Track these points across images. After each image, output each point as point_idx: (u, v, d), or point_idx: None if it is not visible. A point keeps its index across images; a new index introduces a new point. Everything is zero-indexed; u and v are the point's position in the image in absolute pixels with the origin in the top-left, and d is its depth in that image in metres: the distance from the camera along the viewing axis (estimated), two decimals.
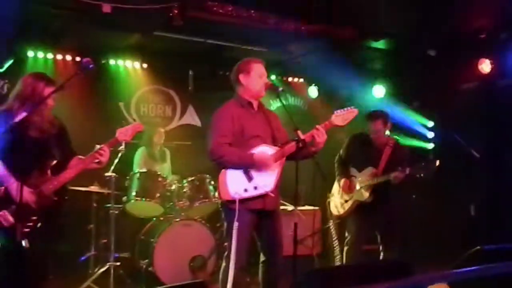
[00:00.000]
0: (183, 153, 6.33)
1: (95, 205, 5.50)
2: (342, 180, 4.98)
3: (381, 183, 4.73)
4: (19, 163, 3.22)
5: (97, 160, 3.57)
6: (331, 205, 5.20)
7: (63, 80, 3.46)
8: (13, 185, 3.30)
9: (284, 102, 3.82)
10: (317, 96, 7.54)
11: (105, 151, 3.56)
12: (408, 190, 6.41)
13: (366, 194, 4.80)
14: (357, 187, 4.88)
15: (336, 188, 5.15)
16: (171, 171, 6.15)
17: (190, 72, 6.68)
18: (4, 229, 3.29)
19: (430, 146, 7.30)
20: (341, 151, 5.11)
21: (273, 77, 7.40)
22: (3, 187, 3.34)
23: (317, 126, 3.71)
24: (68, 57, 6.25)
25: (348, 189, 4.95)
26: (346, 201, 4.97)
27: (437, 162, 4.50)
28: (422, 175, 4.55)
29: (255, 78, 3.80)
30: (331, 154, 5.11)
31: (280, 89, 3.83)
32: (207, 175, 5.50)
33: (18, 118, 3.13)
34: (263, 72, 3.84)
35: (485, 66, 6.07)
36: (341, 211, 5.02)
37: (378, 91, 7.46)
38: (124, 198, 5.41)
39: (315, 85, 7.53)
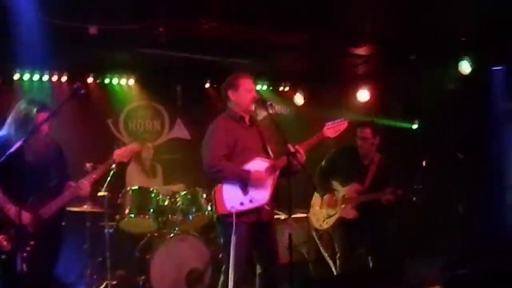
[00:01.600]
0: (174, 167, 6.36)
1: (88, 224, 5.47)
2: (326, 195, 4.91)
3: (369, 201, 4.68)
4: (17, 188, 3.25)
5: (80, 191, 3.61)
6: (312, 218, 5.16)
7: (54, 102, 3.53)
8: (11, 210, 3.35)
9: (273, 116, 3.85)
10: (303, 104, 7.62)
11: (85, 186, 3.59)
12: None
13: (352, 212, 4.73)
14: (341, 203, 4.80)
15: (316, 200, 5.10)
16: (163, 186, 6.16)
17: (178, 87, 6.80)
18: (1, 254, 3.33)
19: (414, 126, 7.32)
20: (323, 163, 5.01)
21: (259, 86, 7.50)
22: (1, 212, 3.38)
23: (297, 147, 3.72)
24: (54, 78, 6.30)
25: (333, 204, 4.88)
26: (329, 216, 4.91)
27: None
28: (414, 198, 4.57)
29: (244, 93, 3.85)
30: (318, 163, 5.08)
31: (269, 102, 3.91)
32: (199, 188, 5.53)
33: (14, 148, 3.19)
34: (251, 87, 3.90)
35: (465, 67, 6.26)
36: (324, 226, 4.99)
37: (362, 95, 7.60)
38: (118, 216, 5.42)
39: (300, 93, 7.61)
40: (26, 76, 6.14)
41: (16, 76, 6.09)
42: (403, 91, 7.08)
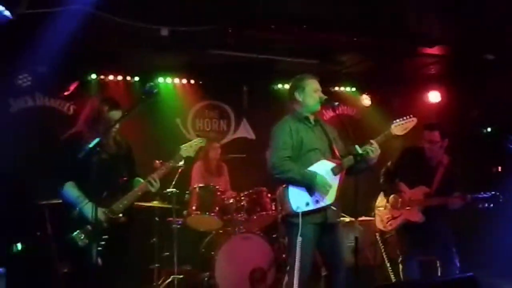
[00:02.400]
0: (238, 166, 6.43)
1: (157, 219, 5.57)
2: (392, 196, 4.84)
3: (436, 205, 4.58)
4: (92, 185, 3.35)
5: (150, 187, 3.70)
6: (376, 219, 5.10)
7: (126, 102, 3.63)
8: (87, 205, 3.48)
9: (340, 116, 3.90)
10: (370, 104, 7.55)
11: (155, 180, 3.68)
12: None
13: (419, 215, 4.64)
14: (407, 205, 4.73)
15: (382, 201, 5.04)
16: (229, 185, 6.26)
17: (244, 88, 6.85)
18: (79, 249, 3.46)
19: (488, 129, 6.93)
20: (389, 163, 4.94)
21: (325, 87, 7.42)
22: (77, 209, 3.51)
23: (371, 141, 3.72)
24: (128, 78, 6.53)
25: (398, 205, 4.80)
26: (394, 218, 4.84)
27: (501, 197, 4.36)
28: (486, 205, 4.38)
29: (310, 93, 3.86)
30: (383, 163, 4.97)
31: (336, 103, 3.89)
32: (264, 188, 5.56)
33: (92, 144, 3.30)
34: (317, 87, 3.90)
35: None
36: (388, 227, 4.92)
37: (433, 97, 7.40)
38: (185, 212, 5.55)
39: (367, 94, 7.54)
40: (101, 77, 6.39)
41: (92, 77, 6.31)
42: (478, 93, 6.84)
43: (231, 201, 5.60)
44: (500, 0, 4.85)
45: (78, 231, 3.49)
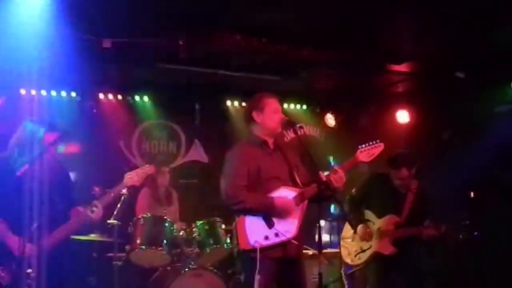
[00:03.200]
0: (190, 193, 6.52)
1: (95, 255, 5.48)
2: (360, 226, 4.86)
3: (407, 235, 4.67)
4: (19, 215, 3.26)
5: (91, 215, 3.67)
6: (343, 252, 5.12)
7: (61, 122, 3.58)
8: (12, 239, 3.40)
9: (302, 138, 3.86)
10: (335, 124, 7.69)
11: (97, 209, 3.67)
12: None
13: (390, 247, 4.70)
14: (376, 236, 4.78)
15: (348, 232, 5.07)
16: (178, 214, 6.28)
17: (197, 106, 6.89)
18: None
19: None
20: (353, 190, 5.00)
21: (287, 106, 7.54)
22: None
23: (336, 168, 3.77)
24: (63, 94, 6.48)
25: (366, 237, 4.84)
26: (363, 250, 4.88)
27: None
28: (461, 236, 4.54)
29: (270, 114, 3.89)
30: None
31: (298, 125, 3.90)
32: (218, 218, 5.59)
33: (19, 172, 3.25)
34: (277, 107, 3.93)
35: None
36: (356, 261, 4.95)
37: (402, 117, 7.59)
38: (128, 247, 5.43)
39: (331, 113, 7.68)
40: (32, 92, 6.21)
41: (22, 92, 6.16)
42: (447, 112, 7.07)
43: (181, 233, 5.57)
44: (472, 17, 5.04)
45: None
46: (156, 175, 6.11)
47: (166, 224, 5.50)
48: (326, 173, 3.78)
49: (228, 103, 7.39)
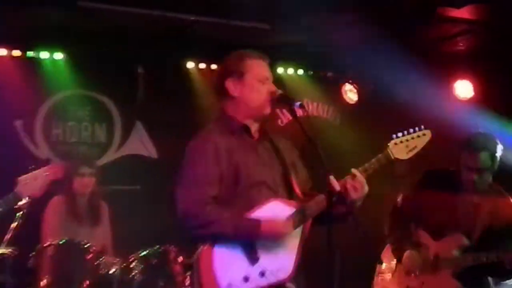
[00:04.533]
0: (128, 206, 6.55)
1: None
2: (407, 253, 4.94)
3: (481, 265, 4.70)
4: None
5: None
6: None
7: None
8: None
9: (304, 122, 3.76)
10: (357, 100, 7.85)
11: None
12: None
13: (452, 283, 4.76)
14: (432, 267, 4.85)
15: (389, 262, 5.17)
16: (110, 240, 6.33)
17: (139, 69, 6.84)
18: None
19: None
20: (399, 199, 5.14)
21: (282, 71, 7.61)
22: None
23: (354, 171, 3.73)
24: None
25: (416, 267, 4.91)
26: None
27: None
28: None
29: (254, 85, 3.85)
30: (383, 202, 5.23)
31: (298, 102, 3.81)
32: (172, 246, 5.67)
33: None
34: (266, 75, 3.89)
35: None
36: None
37: (463, 90, 7.71)
38: None
39: (352, 83, 7.82)
40: None
41: None
42: None
43: (113, 269, 5.60)
44: None
45: None
46: (73, 177, 6.15)
47: (90, 255, 5.54)
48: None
49: (190, 65, 7.36)
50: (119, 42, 6.75)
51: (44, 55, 7.01)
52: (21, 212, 5.03)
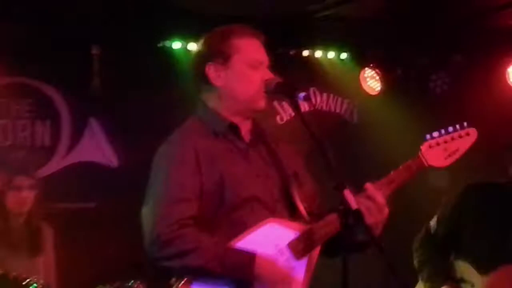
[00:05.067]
0: (79, 230, 6.65)
1: None
2: None
3: None
4: None
5: None
6: None
7: None
8: None
9: (309, 119, 3.70)
10: (381, 89, 7.94)
11: None
12: None
13: None
14: None
15: None
16: (54, 273, 6.32)
17: (94, 49, 6.71)
18: None
19: None
20: (433, 223, 5.27)
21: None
22: None
23: (367, 186, 3.65)
24: None
25: None
26: None
27: None
28: None
29: (243, 71, 3.84)
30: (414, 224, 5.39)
31: (302, 94, 3.70)
32: (137, 283, 5.79)
33: None
34: (259, 58, 3.87)
35: None
36: None
37: None
38: None
39: (374, 69, 7.91)
40: None
41: None
42: None
43: None
44: None
45: None
46: (6, 191, 6.15)
47: None
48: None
49: (165, 43, 7.44)
50: (67, 11, 6.61)
51: None
52: None
